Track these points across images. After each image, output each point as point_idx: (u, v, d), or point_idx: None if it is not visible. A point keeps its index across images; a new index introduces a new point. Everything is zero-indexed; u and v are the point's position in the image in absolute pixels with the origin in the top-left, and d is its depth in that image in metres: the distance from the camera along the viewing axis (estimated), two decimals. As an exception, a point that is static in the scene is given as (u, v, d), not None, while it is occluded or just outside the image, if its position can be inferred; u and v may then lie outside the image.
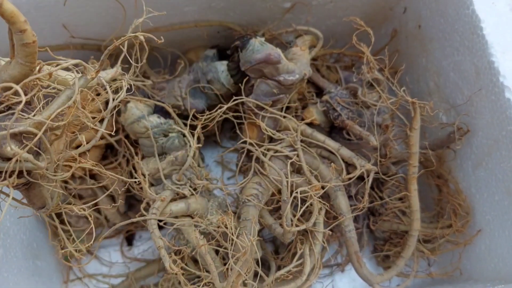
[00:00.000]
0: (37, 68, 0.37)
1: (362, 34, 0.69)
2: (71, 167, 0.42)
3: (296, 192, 0.55)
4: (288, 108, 0.70)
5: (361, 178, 0.70)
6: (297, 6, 0.77)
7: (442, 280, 0.79)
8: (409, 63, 0.84)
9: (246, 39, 0.62)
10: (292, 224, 0.55)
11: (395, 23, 0.86)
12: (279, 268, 0.66)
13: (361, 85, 0.70)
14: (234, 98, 0.65)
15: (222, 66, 0.72)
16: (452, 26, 0.71)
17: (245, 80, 0.66)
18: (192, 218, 0.64)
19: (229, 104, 0.63)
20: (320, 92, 0.77)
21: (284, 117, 0.66)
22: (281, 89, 0.63)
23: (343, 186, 0.68)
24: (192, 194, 0.63)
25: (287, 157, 0.65)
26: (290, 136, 0.65)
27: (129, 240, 0.90)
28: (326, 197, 0.67)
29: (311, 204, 0.58)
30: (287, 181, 0.57)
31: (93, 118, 0.40)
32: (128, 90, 0.45)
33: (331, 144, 0.68)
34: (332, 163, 0.68)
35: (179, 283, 0.62)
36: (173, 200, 0.64)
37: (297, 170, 0.63)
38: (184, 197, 0.64)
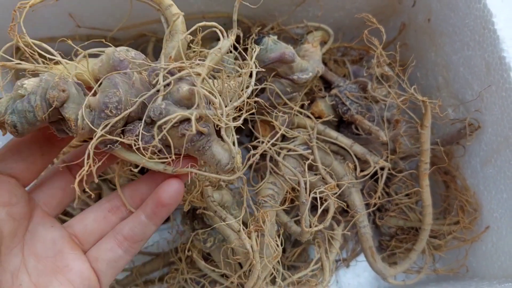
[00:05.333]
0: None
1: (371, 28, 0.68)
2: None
3: (314, 193, 0.55)
4: (302, 106, 0.69)
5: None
6: (305, -2, 0.76)
7: (447, 277, 0.79)
8: (417, 57, 0.83)
9: (259, 38, 0.60)
10: (310, 225, 0.55)
11: (403, 17, 0.85)
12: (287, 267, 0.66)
13: (371, 80, 0.69)
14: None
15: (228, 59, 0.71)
16: (462, 20, 0.70)
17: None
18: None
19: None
20: (327, 86, 0.76)
21: (299, 113, 0.65)
22: (295, 88, 0.62)
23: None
24: (227, 186, 0.63)
25: (301, 155, 0.64)
26: (304, 134, 0.65)
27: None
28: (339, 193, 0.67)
29: (325, 200, 0.58)
30: (305, 182, 0.56)
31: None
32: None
33: (344, 141, 0.67)
34: (347, 161, 0.67)
35: (185, 280, 0.62)
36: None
37: (309, 166, 0.62)
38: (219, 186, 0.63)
